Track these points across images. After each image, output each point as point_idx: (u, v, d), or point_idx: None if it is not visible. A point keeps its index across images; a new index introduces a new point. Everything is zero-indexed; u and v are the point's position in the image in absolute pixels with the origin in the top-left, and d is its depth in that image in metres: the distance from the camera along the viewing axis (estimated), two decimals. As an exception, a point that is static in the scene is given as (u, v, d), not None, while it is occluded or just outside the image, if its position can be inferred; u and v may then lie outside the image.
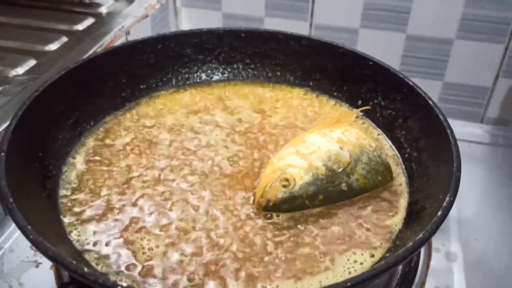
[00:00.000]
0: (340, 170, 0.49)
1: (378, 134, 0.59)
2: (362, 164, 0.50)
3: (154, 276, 0.42)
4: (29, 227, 0.38)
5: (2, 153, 0.45)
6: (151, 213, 0.48)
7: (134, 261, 0.43)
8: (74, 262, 0.36)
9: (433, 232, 0.40)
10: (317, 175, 0.49)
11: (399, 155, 0.56)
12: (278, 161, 0.50)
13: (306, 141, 0.52)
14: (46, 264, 0.53)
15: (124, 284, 0.34)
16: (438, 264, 0.55)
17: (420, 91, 0.56)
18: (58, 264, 0.37)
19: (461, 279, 0.54)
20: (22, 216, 0.39)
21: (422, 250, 0.55)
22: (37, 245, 0.37)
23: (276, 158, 0.51)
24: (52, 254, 0.37)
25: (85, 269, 0.35)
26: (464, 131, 0.76)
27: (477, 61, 0.90)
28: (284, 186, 0.48)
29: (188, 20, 0.99)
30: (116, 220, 0.47)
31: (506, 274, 0.55)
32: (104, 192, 0.50)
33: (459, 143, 0.48)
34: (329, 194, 0.49)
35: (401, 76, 0.58)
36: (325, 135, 0.52)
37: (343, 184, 0.49)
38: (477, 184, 0.68)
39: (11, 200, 0.41)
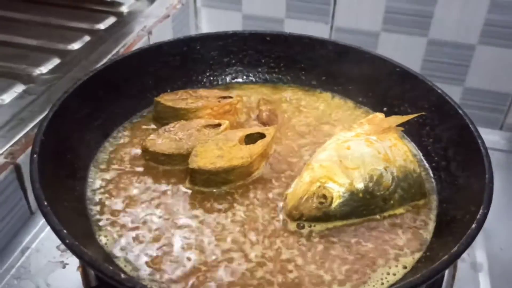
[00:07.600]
0: (379, 193, 0.48)
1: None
2: (401, 191, 0.49)
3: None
4: (65, 231, 0.38)
5: (35, 155, 0.45)
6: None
7: (165, 267, 0.43)
8: (111, 268, 0.36)
9: (468, 244, 0.40)
10: (355, 196, 0.47)
11: (426, 163, 0.56)
12: (318, 168, 0.48)
13: (351, 148, 0.50)
14: (73, 265, 0.53)
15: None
16: (464, 274, 0.55)
17: (450, 100, 0.55)
18: (95, 270, 0.37)
19: (487, 290, 0.53)
20: (57, 219, 0.39)
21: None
22: (73, 250, 0.38)
23: (316, 163, 0.49)
24: (88, 259, 0.37)
25: (122, 276, 0.35)
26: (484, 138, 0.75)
27: (498, 67, 0.89)
28: (321, 203, 0.47)
29: (208, 20, 0.99)
30: (143, 223, 0.47)
31: (531, 285, 0.55)
32: (131, 194, 0.50)
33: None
34: (361, 215, 0.48)
35: (430, 84, 0.58)
36: (372, 145, 0.50)
37: (377, 209, 0.48)
38: (497, 192, 0.67)
39: (45, 203, 0.41)
